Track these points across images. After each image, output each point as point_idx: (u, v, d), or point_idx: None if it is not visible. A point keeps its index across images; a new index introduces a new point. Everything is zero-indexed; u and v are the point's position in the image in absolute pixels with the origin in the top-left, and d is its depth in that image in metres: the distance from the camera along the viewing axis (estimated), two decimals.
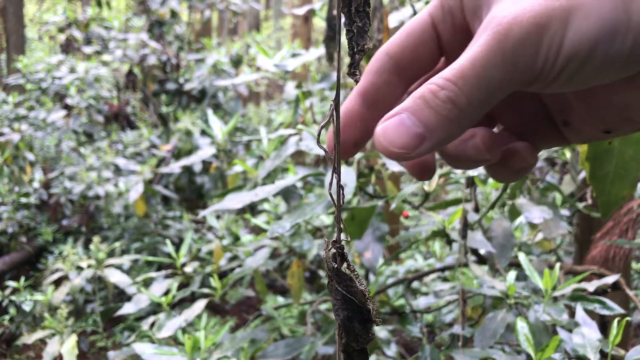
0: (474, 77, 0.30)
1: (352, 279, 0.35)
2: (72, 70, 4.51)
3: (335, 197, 0.36)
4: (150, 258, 2.40)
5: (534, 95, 0.37)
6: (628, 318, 0.95)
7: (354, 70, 0.32)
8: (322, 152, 1.30)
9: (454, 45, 0.36)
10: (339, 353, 0.37)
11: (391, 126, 0.31)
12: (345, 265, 0.36)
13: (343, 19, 0.33)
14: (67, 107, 4.42)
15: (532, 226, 1.84)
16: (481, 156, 0.35)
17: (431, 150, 0.32)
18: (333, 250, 0.36)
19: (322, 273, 2.64)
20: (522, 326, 1.00)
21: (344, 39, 0.34)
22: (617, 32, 0.28)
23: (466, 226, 1.23)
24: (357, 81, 0.33)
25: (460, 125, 0.31)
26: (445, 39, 0.36)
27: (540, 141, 0.38)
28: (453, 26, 0.35)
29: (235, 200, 1.06)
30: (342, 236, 0.36)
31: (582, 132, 0.36)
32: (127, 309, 1.88)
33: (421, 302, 1.85)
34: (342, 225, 0.36)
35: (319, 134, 0.34)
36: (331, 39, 1.54)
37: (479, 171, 1.36)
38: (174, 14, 4.68)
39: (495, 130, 0.40)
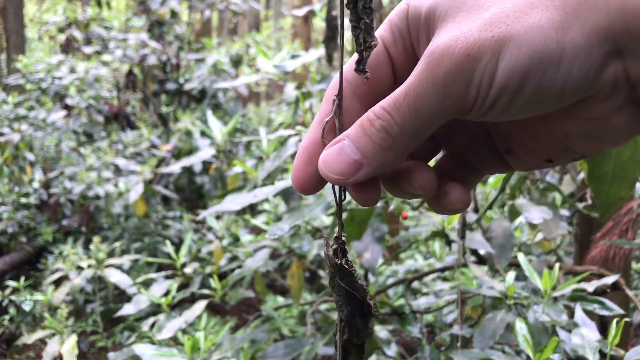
0: (407, 107, 0.30)
1: (353, 274, 0.36)
2: (72, 70, 4.51)
3: (337, 193, 0.37)
4: (150, 259, 2.40)
5: (477, 122, 0.37)
6: (627, 319, 0.95)
7: (363, 67, 0.33)
8: None
9: (405, 68, 0.36)
10: (340, 349, 0.37)
11: (332, 154, 0.33)
12: (344, 260, 0.36)
13: (349, 16, 0.33)
14: (67, 107, 4.42)
15: (532, 226, 1.84)
16: (415, 192, 0.36)
17: (369, 176, 0.33)
18: (335, 246, 0.36)
19: (322, 273, 2.64)
20: (521, 327, 1.00)
21: (345, 37, 0.34)
22: (550, 64, 0.27)
23: (465, 226, 1.23)
24: (367, 78, 0.33)
25: (396, 153, 0.32)
26: (397, 62, 0.36)
27: (484, 167, 0.39)
28: (404, 50, 0.35)
29: (235, 202, 1.06)
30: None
31: (524, 160, 0.37)
32: (127, 309, 1.88)
33: (421, 302, 1.85)
34: (342, 221, 0.37)
35: (323, 130, 0.35)
36: (331, 40, 1.54)
37: None
38: (174, 14, 4.67)
39: (440, 154, 0.41)
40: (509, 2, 0.28)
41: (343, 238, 0.37)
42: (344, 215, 1.40)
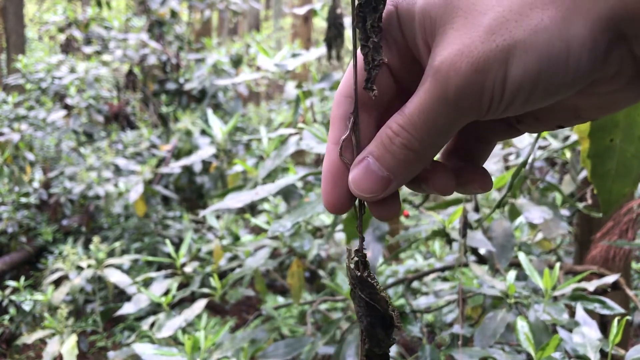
0: (423, 124, 0.31)
1: (374, 286, 0.37)
2: (72, 70, 4.51)
3: (357, 208, 0.38)
4: (150, 258, 2.40)
5: None
6: (628, 317, 0.95)
7: (371, 85, 0.33)
8: (322, 151, 1.30)
9: (404, 74, 0.36)
10: (362, 358, 0.38)
11: (360, 174, 0.34)
12: (366, 273, 0.37)
13: (358, 34, 0.33)
14: (67, 107, 4.41)
15: (532, 226, 1.84)
16: (434, 192, 0.38)
17: (399, 187, 0.35)
18: (356, 259, 0.37)
19: (322, 273, 2.64)
20: (522, 325, 1.00)
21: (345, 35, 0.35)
22: (558, 62, 0.28)
23: (466, 225, 1.23)
24: (375, 96, 0.34)
25: (421, 163, 0.34)
26: (395, 68, 0.36)
27: (495, 135, 0.40)
28: (399, 55, 0.35)
29: (236, 200, 1.06)
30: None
31: (535, 127, 0.38)
32: (127, 309, 1.88)
33: (421, 301, 1.84)
34: (362, 235, 0.38)
35: (340, 148, 0.36)
36: (334, 38, 1.54)
37: None
38: (174, 14, 4.67)
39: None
40: (505, 3, 0.28)
41: (364, 251, 0.38)
42: (345, 215, 1.40)
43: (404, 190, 1.37)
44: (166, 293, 1.97)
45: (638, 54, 0.28)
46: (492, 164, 1.39)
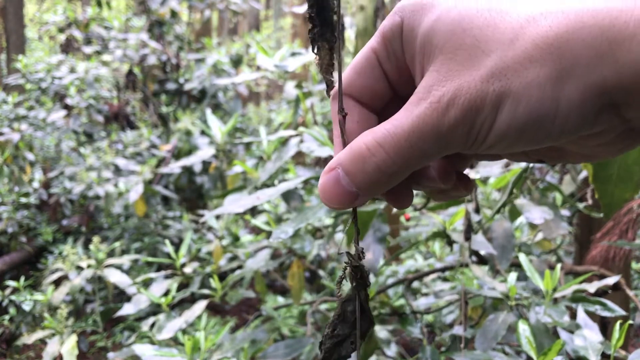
0: (408, 148, 0.31)
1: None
2: (72, 70, 4.51)
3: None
4: (150, 259, 2.40)
5: None
6: (630, 322, 0.95)
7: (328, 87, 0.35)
8: (323, 154, 1.30)
9: (400, 82, 0.36)
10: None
11: (329, 184, 0.34)
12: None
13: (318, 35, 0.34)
14: (67, 107, 4.41)
15: (532, 226, 1.84)
16: (435, 185, 0.38)
17: (366, 201, 0.35)
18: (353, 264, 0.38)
19: (322, 273, 2.64)
20: (524, 329, 1.00)
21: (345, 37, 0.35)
22: (545, 118, 0.29)
23: (470, 228, 1.23)
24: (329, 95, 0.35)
25: (391, 185, 0.33)
26: (392, 77, 0.36)
27: (476, 157, 0.40)
28: (398, 68, 0.35)
29: (237, 205, 1.06)
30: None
31: (516, 157, 0.39)
32: (127, 309, 1.88)
33: (421, 302, 1.84)
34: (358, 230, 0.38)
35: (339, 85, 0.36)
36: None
37: (480, 173, 1.36)
38: (174, 14, 4.67)
39: None
40: (509, 50, 0.29)
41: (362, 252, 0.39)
42: (345, 216, 1.40)
43: None
44: (166, 294, 1.96)
45: (627, 117, 0.29)
46: (494, 169, 1.39)
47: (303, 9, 2.35)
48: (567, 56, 0.27)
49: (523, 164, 1.12)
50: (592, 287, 1.23)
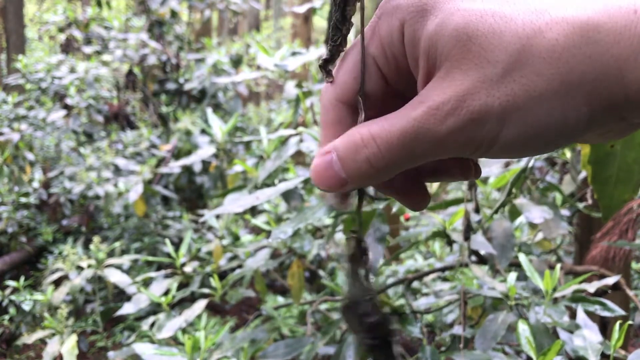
0: (399, 147, 0.31)
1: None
2: (72, 70, 4.51)
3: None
4: (150, 258, 2.40)
5: None
6: (630, 322, 0.95)
7: (327, 66, 0.35)
8: None
9: (400, 85, 0.36)
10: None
11: (322, 166, 0.34)
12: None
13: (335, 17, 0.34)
14: (67, 107, 4.41)
15: (532, 226, 1.84)
16: (455, 179, 0.38)
17: (354, 189, 0.35)
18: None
19: (322, 273, 2.64)
20: (524, 329, 1.00)
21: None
22: (553, 131, 0.29)
23: (469, 228, 1.23)
24: (330, 81, 0.36)
25: (377, 180, 0.33)
26: (391, 81, 0.36)
27: (453, 177, 0.40)
28: (397, 70, 0.35)
29: (237, 204, 1.06)
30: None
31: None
32: (127, 309, 1.88)
33: (421, 302, 1.84)
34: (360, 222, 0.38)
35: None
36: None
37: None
38: (174, 14, 4.67)
39: None
40: (516, 63, 0.28)
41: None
42: (346, 216, 1.40)
43: None
44: (166, 293, 1.96)
45: (634, 122, 0.29)
46: (494, 169, 1.39)
47: (303, 8, 2.35)
48: (575, 71, 0.27)
49: (522, 164, 1.12)
50: (592, 287, 1.23)
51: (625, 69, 0.26)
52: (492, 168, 1.39)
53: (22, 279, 3.09)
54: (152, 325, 1.85)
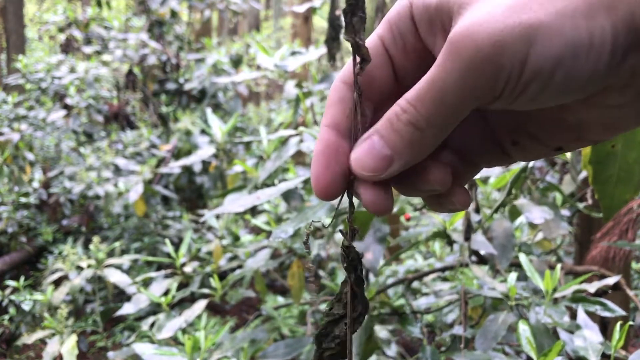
0: (432, 100, 0.30)
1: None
2: (72, 70, 4.51)
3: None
4: (150, 258, 2.40)
5: (480, 117, 0.36)
6: (630, 322, 0.95)
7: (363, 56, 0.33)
8: None
9: (407, 69, 0.35)
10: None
11: (363, 152, 0.33)
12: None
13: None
14: (67, 107, 4.41)
15: (532, 226, 1.84)
16: (430, 187, 0.36)
17: (401, 170, 0.33)
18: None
19: (322, 273, 2.64)
20: (524, 329, 1.00)
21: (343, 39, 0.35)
22: (580, 52, 0.27)
23: (470, 228, 1.23)
24: (362, 68, 0.33)
25: (426, 146, 0.32)
26: (399, 63, 0.35)
27: (484, 160, 0.38)
28: (405, 50, 0.34)
29: (237, 204, 1.06)
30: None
31: (532, 151, 0.36)
32: (127, 309, 1.88)
33: (421, 302, 1.84)
34: (353, 226, 0.38)
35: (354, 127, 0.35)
36: (334, 39, 1.54)
37: (480, 172, 1.36)
38: (174, 14, 4.67)
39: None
40: None
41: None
42: (345, 215, 1.40)
43: None
44: (166, 293, 1.96)
45: None
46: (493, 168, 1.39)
47: (302, 8, 2.35)
48: None
49: (522, 164, 1.12)
50: (592, 287, 1.23)
51: None
52: (492, 168, 1.39)
53: (22, 279, 3.09)
54: (152, 325, 1.85)
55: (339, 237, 2.63)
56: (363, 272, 0.38)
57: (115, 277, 2.74)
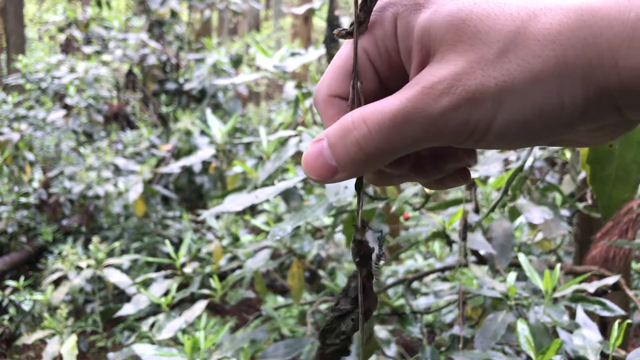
0: (390, 129, 0.29)
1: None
2: (72, 70, 4.51)
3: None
4: (150, 259, 2.40)
5: None
6: (629, 321, 0.95)
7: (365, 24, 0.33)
8: None
9: (391, 79, 0.35)
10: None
11: (312, 155, 0.32)
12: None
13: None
14: (67, 107, 4.41)
15: (532, 226, 1.84)
16: (410, 179, 0.36)
17: (346, 179, 0.33)
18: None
19: (322, 273, 2.64)
20: (522, 328, 1.00)
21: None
22: (549, 117, 0.28)
23: (466, 228, 1.23)
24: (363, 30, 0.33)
25: (369, 167, 0.32)
26: (384, 75, 0.35)
27: (451, 161, 0.38)
28: (390, 66, 0.34)
29: (236, 203, 1.06)
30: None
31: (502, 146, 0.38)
32: (127, 309, 1.88)
33: (421, 302, 1.84)
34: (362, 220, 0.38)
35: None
36: (332, 40, 1.54)
37: (480, 172, 1.36)
38: (174, 14, 4.67)
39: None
40: (511, 44, 0.28)
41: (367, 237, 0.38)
42: (345, 216, 1.40)
43: (406, 193, 1.37)
44: (166, 294, 1.97)
45: (627, 117, 0.29)
46: (492, 168, 1.39)
47: (302, 9, 2.35)
48: (570, 54, 0.27)
49: (519, 163, 1.12)
50: (591, 287, 1.23)
51: (619, 54, 0.26)
52: (491, 168, 1.39)
53: (22, 279, 3.09)
54: (152, 326, 1.85)
55: (338, 237, 2.62)
56: (373, 267, 0.38)
57: (115, 277, 2.74)
